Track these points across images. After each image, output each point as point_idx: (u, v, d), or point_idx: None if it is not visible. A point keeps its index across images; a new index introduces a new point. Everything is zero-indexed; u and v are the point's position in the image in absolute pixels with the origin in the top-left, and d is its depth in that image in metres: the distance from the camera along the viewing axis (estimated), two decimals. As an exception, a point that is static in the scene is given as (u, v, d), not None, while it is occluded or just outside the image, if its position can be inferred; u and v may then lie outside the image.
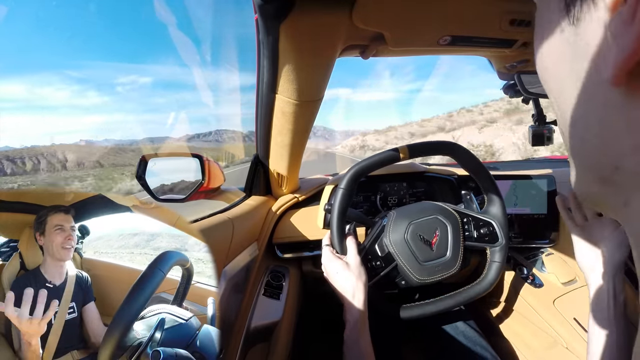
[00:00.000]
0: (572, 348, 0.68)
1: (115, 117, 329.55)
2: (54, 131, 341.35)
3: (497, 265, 0.65)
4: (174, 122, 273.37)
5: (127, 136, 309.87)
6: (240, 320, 0.64)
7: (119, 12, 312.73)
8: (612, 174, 0.16)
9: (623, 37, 0.13)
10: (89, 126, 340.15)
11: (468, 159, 0.65)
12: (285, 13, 0.43)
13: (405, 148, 0.62)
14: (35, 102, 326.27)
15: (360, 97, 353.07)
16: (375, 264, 0.63)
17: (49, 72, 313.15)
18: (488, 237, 0.65)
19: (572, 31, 0.15)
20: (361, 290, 0.56)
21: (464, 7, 0.50)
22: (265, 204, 0.86)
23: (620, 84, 0.14)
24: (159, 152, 0.73)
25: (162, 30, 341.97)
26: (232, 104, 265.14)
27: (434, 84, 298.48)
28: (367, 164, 0.62)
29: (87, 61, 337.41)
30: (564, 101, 0.18)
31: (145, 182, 0.69)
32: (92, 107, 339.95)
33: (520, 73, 0.69)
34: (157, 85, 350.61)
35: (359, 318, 0.53)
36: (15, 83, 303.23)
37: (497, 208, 0.65)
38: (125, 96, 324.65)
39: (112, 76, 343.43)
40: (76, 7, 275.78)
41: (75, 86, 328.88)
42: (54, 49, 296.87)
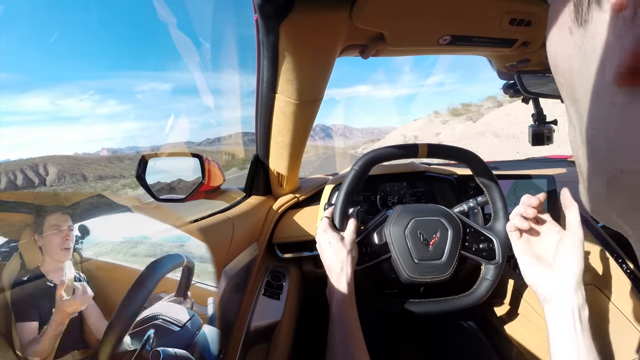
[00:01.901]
0: None
1: (136, 125, 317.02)
2: (77, 141, 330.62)
3: (488, 283, 0.64)
4: (194, 126, 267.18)
5: (148, 143, 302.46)
6: (240, 320, 0.64)
7: (133, 22, 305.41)
8: (618, 177, 0.16)
9: (625, 39, 0.13)
10: (111, 134, 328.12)
11: (483, 172, 0.65)
12: (285, 13, 0.43)
13: (425, 146, 0.63)
14: (59, 114, 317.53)
15: (378, 94, 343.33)
16: (370, 250, 0.63)
17: (70, 84, 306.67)
18: (486, 253, 0.64)
19: (581, 33, 0.16)
20: (349, 266, 0.56)
21: (463, 7, 0.50)
22: (265, 203, 0.86)
23: (623, 84, 0.14)
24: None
25: (166, 34, 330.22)
26: (250, 106, 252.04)
27: (455, 77, 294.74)
28: (385, 152, 0.62)
29: (106, 71, 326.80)
30: (575, 102, 0.18)
31: (145, 182, 0.69)
32: (114, 115, 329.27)
33: (520, 73, 0.68)
34: (176, 91, 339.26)
35: (345, 292, 0.53)
36: (38, 96, 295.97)
37: (501, 225, 0.65)
38: (145, 103, 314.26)
39: (132, 84, 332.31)
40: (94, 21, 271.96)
41: (97, 96, 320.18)
42: (74, 61, 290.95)
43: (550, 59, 0.19)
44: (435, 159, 0.68)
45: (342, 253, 0.56)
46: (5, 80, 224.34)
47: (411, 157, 0.63)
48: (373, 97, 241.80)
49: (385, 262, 0.63)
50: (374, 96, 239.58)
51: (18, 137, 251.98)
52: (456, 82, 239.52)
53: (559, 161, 1.36)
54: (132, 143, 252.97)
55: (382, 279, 0.65)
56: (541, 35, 0.59)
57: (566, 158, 1.38)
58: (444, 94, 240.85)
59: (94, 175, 33.47)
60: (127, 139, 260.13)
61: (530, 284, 0.51)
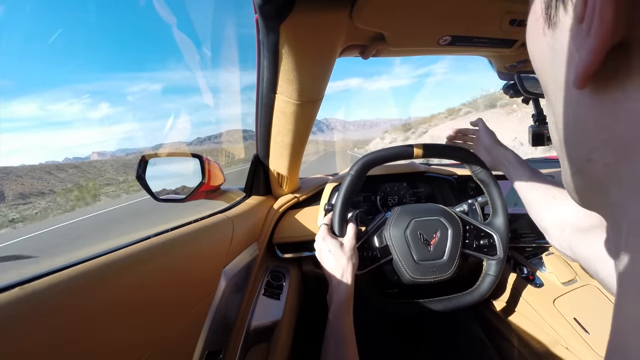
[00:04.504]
0: (572, 348, 0.68)
1: (128, 127, 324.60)
2: (68, 145, 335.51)
3: (490, 279, 0.65)
4: (185, 126, 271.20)
5: (140, 144, 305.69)
6: (240, 320, 0.64)
7: (122, 21, 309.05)
8: (586, 166, 0.18)
9: (582, 49, 0.14)
10: (103, 137, 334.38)
11: (480, 169, 0.65)
12: (285, 13, 0.43)
13: (421, 146, 0.63)
14: (49, 119, 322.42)
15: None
16: (371, 254, 0.63)
17: (60, 88, 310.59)
18: (487, 249, 0.65)
19: (551, 34, 0.17)
20: (350, 272, 0.56)
21: (463, 7, 0.50)
22: (265, 203, 0.86)
23: (583, 87, 0.15)
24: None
25: (166, 35, 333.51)
26: (241, 103, 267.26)
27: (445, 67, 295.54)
28: (380, 155, 0.63)
29: (97, 73, 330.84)
30: (549, 98, 0.19)
31: (146, 183, 0.69)
32: (105, 118, 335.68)
33: (520, 73, 0.69)
34: (167, 91, 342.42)
35: (345, 299, 0.54)
36: (27, 102, 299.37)
37: (500, 221, 0.65)
38: (135, 105, 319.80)
39: (122, 86, 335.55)
40: (81, 21, 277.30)
41: (87, 99, 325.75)
42: (63, 65, 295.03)
43: (530, 57, 0.20)
44: (435, 159, 0.68)
45: (342, 260, 0.56)
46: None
47: (407, 158, 0.63)
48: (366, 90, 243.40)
49: (387, 264, 0.63)
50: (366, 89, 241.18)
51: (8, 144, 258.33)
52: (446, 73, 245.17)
53: (559, 161, 1.36)
54: (124, 145, 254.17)
55: (385, 282, 0.65)
56: None
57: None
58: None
59: (15, 194, 25.54)
60: (121, 141, 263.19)
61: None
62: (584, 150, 0.17)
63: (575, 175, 0.19)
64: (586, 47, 0.14)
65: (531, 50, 0.20)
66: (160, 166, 0.72)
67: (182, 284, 0.46)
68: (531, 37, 0.19)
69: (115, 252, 0.38)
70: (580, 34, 0.15)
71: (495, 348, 0.80)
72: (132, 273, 0.38)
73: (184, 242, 0.49)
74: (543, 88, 0.20)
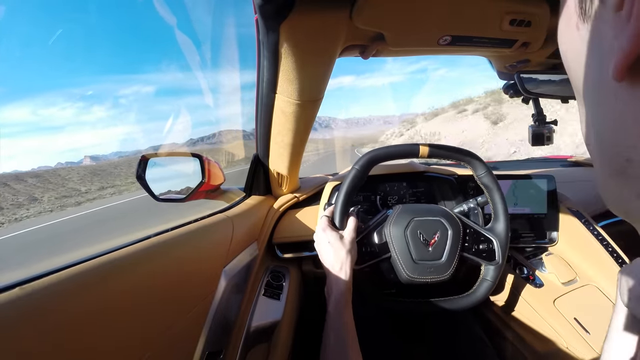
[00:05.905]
0: (572, 348, 0.68)
1: (121, 130, 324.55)
2: (61, 150, 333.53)
3: (488, 284, 0.65)
4: (178, 127, 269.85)
5: (133, 147, 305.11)
6: (241, 320, 0.64)
7: (116, 22, 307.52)
8: (625, 167, 0.16)
9: (621, 37, 0.14)
10: (97, 141, 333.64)
11: (484, 173, 0.65)
12: (285, 13, 0.43)
13: (427, 147, 0.62)
14: (42, 124, 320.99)
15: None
16: (370, 249, 0.63)
17: (52, 92, 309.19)
18: (486, 254, 0.64)
19: (586, 28, 0.17)
20: (349, 265, 0.56)
21: (464, 8, 0.50)
22: (265, 203, 0.86)
23: (622, 79, 0.15)
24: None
25: (162, 34, 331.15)
26: (235, 104, 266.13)
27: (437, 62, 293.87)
28: (385, 152, 0.63)
29: (89, 77, 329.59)
30: (583, 95, 0.19)
31: (145, 182, 0.69)
32: (98, 122, 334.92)
33: (520, 73, 0.69)
34: (160, 93, 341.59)
35: (344, 292, 0.54)
36: (19, 107, 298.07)
37: (501, 227, 0.65)
38: (128, 107, 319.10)
39: (115, 89, 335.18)
40: (73, 21, 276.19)
41: (80, 103, 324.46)
42: (55, 68, 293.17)
43: (561, 53, 0.20)
44: (435, 158, 0.68)
45: (342, 252, 0.56)
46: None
47: (412, 157, 0.63)
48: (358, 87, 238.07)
49: (384, 261, 0.63)
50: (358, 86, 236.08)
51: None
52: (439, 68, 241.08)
53: (559, 161, 1.37)
54: (117, 148, 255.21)
55: (382, 279, 0.65)
56: (541, 36, 0.59)
57: (566, 158, 1.38)
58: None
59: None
60: (115, 144, 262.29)
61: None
62: (622, 149, 0.16)
63: (613, 178, 0.18)
64: (626, 33, 0.14)
65: (563, 47, 0.19)
66: (160, 166, 0.72)
67: (182, 284, 0.46)
68: (564, 33, 0.19)
69: (116, 252, 0.38)
70: (618, 22, 0.14)
71: (495, 348, 0.80)
72: (132, 273, 0.38)
73: (183, 242, 0.49)
74: (574, 87, 0.19)
